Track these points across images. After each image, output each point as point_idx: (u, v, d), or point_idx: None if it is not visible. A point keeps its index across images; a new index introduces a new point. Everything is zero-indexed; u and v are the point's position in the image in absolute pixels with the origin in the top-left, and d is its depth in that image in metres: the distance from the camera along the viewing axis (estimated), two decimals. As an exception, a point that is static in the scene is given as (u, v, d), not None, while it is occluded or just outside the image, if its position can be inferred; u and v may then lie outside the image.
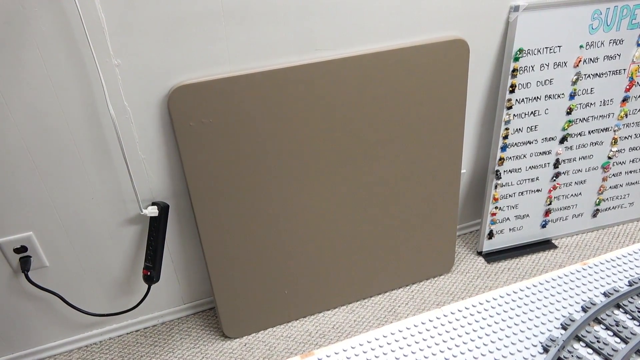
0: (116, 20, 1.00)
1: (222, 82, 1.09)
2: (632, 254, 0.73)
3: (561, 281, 0.70)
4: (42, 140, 1.07)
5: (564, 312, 0.66)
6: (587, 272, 0.71)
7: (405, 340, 0.61)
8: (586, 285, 0.69)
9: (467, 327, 0.64)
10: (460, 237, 1.71)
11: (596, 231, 1.70)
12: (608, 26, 1.37)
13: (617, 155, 1.58)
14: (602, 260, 0.72)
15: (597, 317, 0.64)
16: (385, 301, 1.46)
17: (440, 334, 0.63)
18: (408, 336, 0.62)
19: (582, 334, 0.61)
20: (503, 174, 1.48)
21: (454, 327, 0.64)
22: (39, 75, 1.00)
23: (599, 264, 0.72)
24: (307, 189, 1.26)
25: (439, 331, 0.63)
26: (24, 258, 1.18)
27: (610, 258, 0.73)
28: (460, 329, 0.63)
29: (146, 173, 1.19)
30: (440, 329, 0.64)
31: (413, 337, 0.62)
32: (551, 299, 0.67)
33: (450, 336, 0.62)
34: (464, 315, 0.65)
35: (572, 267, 0.71)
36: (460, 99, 1.31)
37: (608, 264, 0.72)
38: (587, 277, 0.70)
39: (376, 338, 0.62)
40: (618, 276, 0.70)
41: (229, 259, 1.27)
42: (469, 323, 0.64)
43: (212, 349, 1.34)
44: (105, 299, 1.33)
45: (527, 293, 0.68)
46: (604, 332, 0.62)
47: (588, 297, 0.67)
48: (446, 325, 0.64)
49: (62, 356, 1.34)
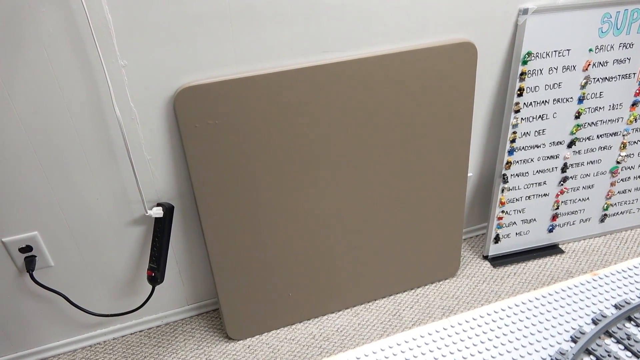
0: (123, 21, 0.99)
1: (229, 83, 1.08)
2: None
3: (571, 292, 0.69)
4: (48, 140, 1.06)
5: (573, 324, 0.65)
6: (597, 283, 0.70)
7: (412, 351, 0.60)
8: (596, 297, 0.68)
9: (474, 338, 0.63)
10: (465, 240, 1.70)
11: (604, 236, 1.68)
12: (618, 30, 1.35)
13: (625, 160, 1.56)
14: (612, 271, 0.71)
15: (608, 330, 0.63)
16: (390, 305, 1.45)
17: (447, 345, 0.62)
18: (414, 347, 0.61)
19: (593, 347, 0.60)
20: (510, 177, 1.47)
21: (462, 338, 0.63)
22: (45, 75, 0.99)
23: (609, 274, 0.71)
24: (312, 192, 1.25)
25: (446, 342, 0.62)
26: (29, 257, 1.18)
27: (621, 269, 0.72)
28: (468, 340, 0.62)
29: (151, 174, 1.18)
30: (447, 340, 0.63)
31: (420, 348, 0.61)
32: (561, 310, 0.66)
33: (458, 347, 0.62)
34: (472, 326, 0.64)
35: (582, 278, 0.70)
36: (467, 102, 1.30)
37: (619, 275, 0.71)
38: (598, 288, 0.69)
39: (382, 349, 0.61)
40: (629, 287, 0.68)
41: (234, 261, 1.26)
42: (477, 334, 0.63)
43: (216, 350, 1.33)
44: (110, 299, 1.32)
45: (536, 304, 0.67)
46: (615, 346, 0.61)
47: (598, 309, 0.66)
48: (453, 336, 0.63)
49: (66, 356, 1.34)
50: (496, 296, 1.45)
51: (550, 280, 1.49)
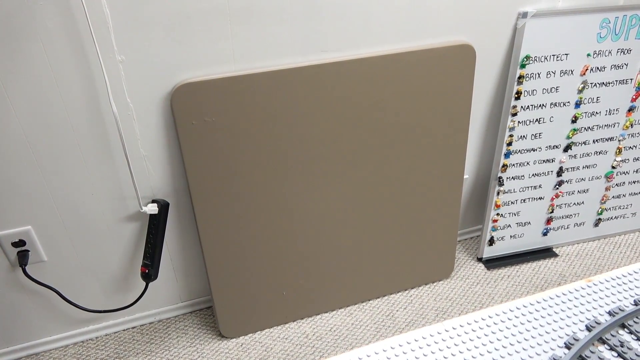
0: (121, 16, 0.98)
1: (226, 81, 1.08)
2: (637, 272, 0.72)
3: (565, 298, 0.69)
4: (43, 135, 1.06)
5: (567, 330, 0.65)
6: (591, 290, 0.70)
7: (406, 355, 0.60)
8: (590, 304, 0.68)
9: (468, 343, 0.63)
10: (460, 242, 1.71)
11: (597, 240, 1.69)
12: (616, 35, 1.35)
13: (621, 165, 1.56)
14: (607, 277, 0.71)
15: (602, 337, 0.63)
16: (384, 305, 1.46)
17: (441, 349, 0.62)
18: (408, 351, 0.61)
19: (586, 354, 0.61)
20: (506, 180, 1.48)
21: (455, 342, 0.63)
22: (41, 69, 0.99)
23: (604, 281, 0.71)
24: (307, 191, 1.25)
25: (440, 346, 0.62)
26: (22, 252, 1.17)
27: (615, 276, 0.72)
28: (462, 345, 0.62)
29: (147, 170, 1.18)
30: (441, 344, 0.63)
31: (413, 352, 0.61)
32: (555, 316, 0.66)
33: (452, 352, 0.62)
34: (466, 330, 0.64)
35: (577, 284, 0.70)
36: (465, 104, 1.30)
37: (613, 282, 0.71)
38: (592, 294, 0.69)
39: (376, 352, 0.61)
40: (623, 294, 0.69)
41: (228, 259, 1.26)
42: (471, 339, 0.63)
43: (209, 348, 1.33)
44: (103, 295, 1.32)
45: (530, 309, 0.67)
46: (609, 353, 0.62)
47: (592, 316, 0.67)
48: (447, 340, 0.63)
49: (58, 351, 1.34)
50: (489, 298, 1.45)
51: (544, 283, 1.49)
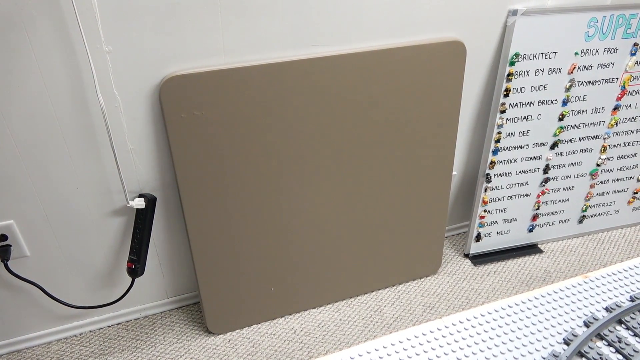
0: (109, 6, 0.96)
1: (216, 74, 1.06)
2: (633, 268, 0.73)
3: (563, 294, 0.69)
4: (27, 127, 1.03)
5: (565, 326, 0.65)
6: (588, 286, 0.70)
7: (398, 354, 0.60)
8: (588, 300, 0.68)
9: (468, 339, 0.63)
10: (447, 238, 1.71)
11: (582, 237, 1.71)
12: (604, 34, 1.37)
13: (605, 162, 1.59)
14: (603, 273, 0.72)
15: (600, 333, 0.64)
16: (372, 301, 1.46)
17: (441, 345, 0.62)
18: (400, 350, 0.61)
19: (585, 350, 0.61)
20: (493, 177, 1.48)
21: (455, 339, 0.63)
22: (26, 59, 0.96)
23: (600, 277, 0.71)
24: (296, 187, 1.24)
25: (440, 343, 0.62)
26: (4, 247, 1.14)
27: (612, 272, 0.73)
28: (462, 341, 0.62)
29: (134, 164, 1.16)
30: (441, 341, 0.62)
31: (406, 351, 0.61)
32: (553, 312, 0.66)
33: (452, 348, 0.61)
34: (465, 327, 0.64)
35: (574, 280, 0.71)
36: (454, 101, 1.30)
37: (609, 278, 0.71)
38: (589, 290, 0.70)
39: (367, 351, 0.61)
40: (620, 290, 0.69)
41: (216, 254, 1.24)
42: (471, 335, 0.63)
43: (195, 344, 1.32)
44: (87, 291, 1.29)
45: (528, 305, 0.68)
46: (607, 349, 0.62)
47: (590, 312, 0.67)
48: (447, 337, 0.63)
49: (41, 348, 1.31)
50: (476, 294, 1.46)
51: (529, 279, 1.51)
